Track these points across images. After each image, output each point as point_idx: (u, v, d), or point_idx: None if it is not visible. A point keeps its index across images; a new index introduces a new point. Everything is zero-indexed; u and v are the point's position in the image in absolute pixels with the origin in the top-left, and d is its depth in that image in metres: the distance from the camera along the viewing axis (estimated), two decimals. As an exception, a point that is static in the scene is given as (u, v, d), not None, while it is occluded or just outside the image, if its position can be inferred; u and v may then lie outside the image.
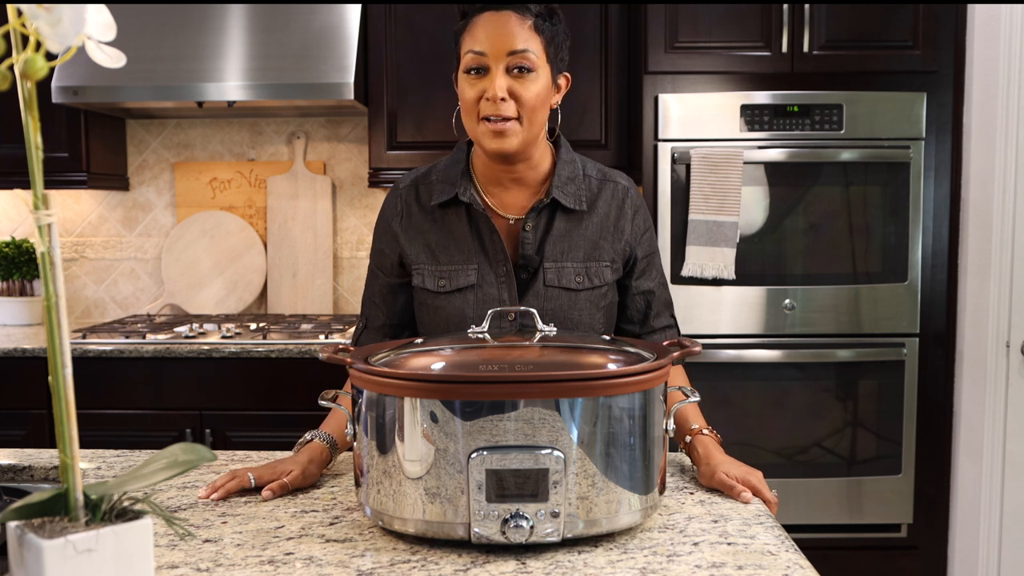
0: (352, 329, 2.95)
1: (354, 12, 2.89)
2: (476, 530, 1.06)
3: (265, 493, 1.32)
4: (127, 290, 3.43)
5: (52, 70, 1.43)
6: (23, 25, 0.75)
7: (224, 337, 2.82)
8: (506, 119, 1.38)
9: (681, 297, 2.74)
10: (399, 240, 1.52)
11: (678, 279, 2.75)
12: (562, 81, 1.48)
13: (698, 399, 1.33)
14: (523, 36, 1.37)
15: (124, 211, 3.41)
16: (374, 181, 3.08)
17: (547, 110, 1.43)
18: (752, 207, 2.75)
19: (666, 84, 2.77)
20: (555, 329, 1.31)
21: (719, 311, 2.76)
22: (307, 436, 1.43)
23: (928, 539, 2.88)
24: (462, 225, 1.48)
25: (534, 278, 1.47)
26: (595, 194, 1.51)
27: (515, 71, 1.37)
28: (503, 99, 1.36)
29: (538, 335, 1.28)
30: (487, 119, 1.39)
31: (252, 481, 1.34)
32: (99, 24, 0.80)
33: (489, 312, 1.31)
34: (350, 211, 3.38)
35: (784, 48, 2.74)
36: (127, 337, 2.78)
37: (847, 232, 2.78)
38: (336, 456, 1.46)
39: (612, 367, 1.15)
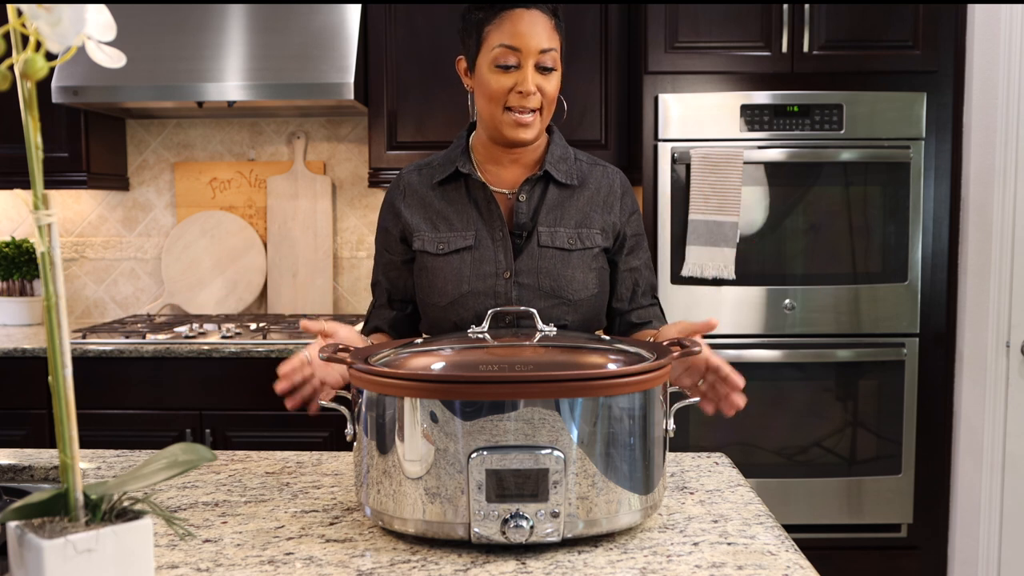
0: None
1: (354, 12, 2.89)
2: (476, 530, 1.06)
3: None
4: (127, 290, 3.43)
5: (52, 70, 1.43)
6: (23, 25, 0.75)
7: (224, 337, 2.82)
8: (532, 111, 1.49)
9: (681, 297, 2.74)
10: (401, 215, 1.60)
11: (678, 279, 2.75)
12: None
13: (698, 399, 1.33)
14: (549, 35, 1.49)
15: (124, 211, 3.40)
16: (374, 181, 3.08)
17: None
18: (752, 207, 2.75)
19: (666, 84, 2.77)
20: (555, 329, 1.31)
21: (719, 311, 2.76)
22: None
23: (928, 539, 2.88)
24: (461, 197, 1.58)
25: (528, 241, 1.55)
26: (585, 174, 1.62)
27: (541, 68, 1.48)
28: (533, 93, 1.47)
29: (538, 335, 1.29)
30: (511, 109, 1.49)
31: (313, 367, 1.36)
32: (99, 24, 0.80)
33: (489, 312, 1.33)
34: (350, 211, 3.38)
35: (784, 48, 2.74)
36: (127, 337, 2.78)
37: (847, 232, 2.77)
38: None
39: (612, 367, 1.15)
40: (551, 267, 1.54)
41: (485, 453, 1.05)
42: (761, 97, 2.74)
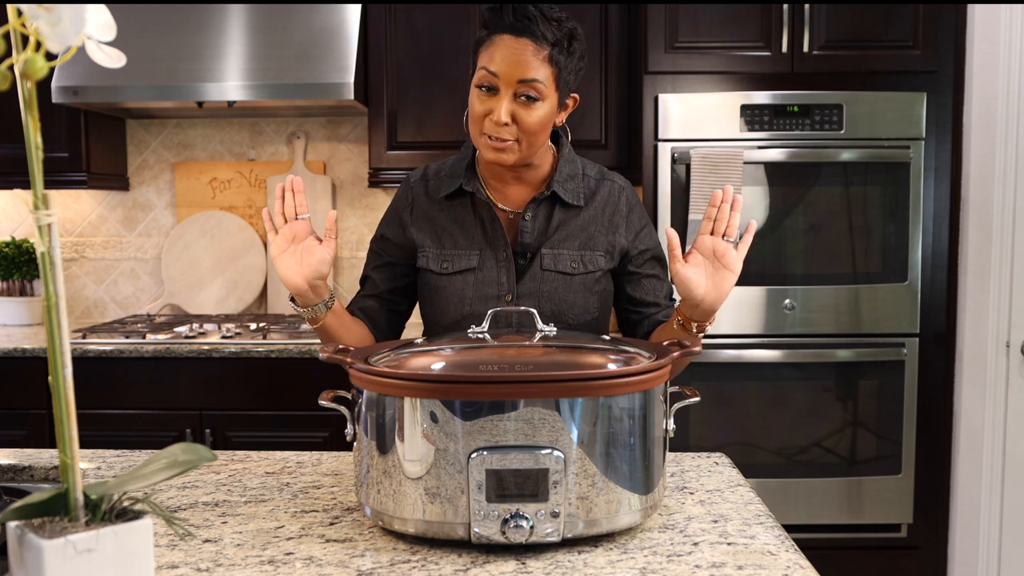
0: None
1: (354, 12, 2.89)
2: (476, 530, 1.06)
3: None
4: (127, 290, 3.42)
5: (52, 70, 1.43)
6: (23, 25, 0.75)
7: (224, 337, 2.82)
8: (505, 140, 1.46)
9: (681, 297, 2.74)
10: (407, 229, 1.60)
11: (678, 279, 2.74)
12: (569, 102, 1.54)
13: (698, 399, 1.32)
14: (535, 66, 1.43)
15: (124, 211, 3.40)
16: (374, 181, 3.08)
17: (548, 131, 1.51)
18: (752, 207, 2.75)
19: (666, 84, 2.77)
20: (555, 329, 1.31)
21: (719, 311, 2.76)
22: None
23: (928, 539, 2.88)
24: (467, 214, 1.57)
25: (531, 264, 1.55)
26: (592, 191, 1.59)
27: (522, 98, 1.44)
28: (506, 123, 1.44)
29: (538, 335, 1.29)
30: (488, 136, 1.47)
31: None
32: (99, 24, 0.80)
33: (489, 312, 1.33)
34: (350, 211, 3.38)
35: (784, 48, 2.74)
36: (127, 337, 2.78)
37: (847, 232, 2.77)
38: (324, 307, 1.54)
39: (612, 367, 1.15)
40: (552, 291, 1.54)
41: (485, 453, 1.05)
42: (761, 97, 2.74)
